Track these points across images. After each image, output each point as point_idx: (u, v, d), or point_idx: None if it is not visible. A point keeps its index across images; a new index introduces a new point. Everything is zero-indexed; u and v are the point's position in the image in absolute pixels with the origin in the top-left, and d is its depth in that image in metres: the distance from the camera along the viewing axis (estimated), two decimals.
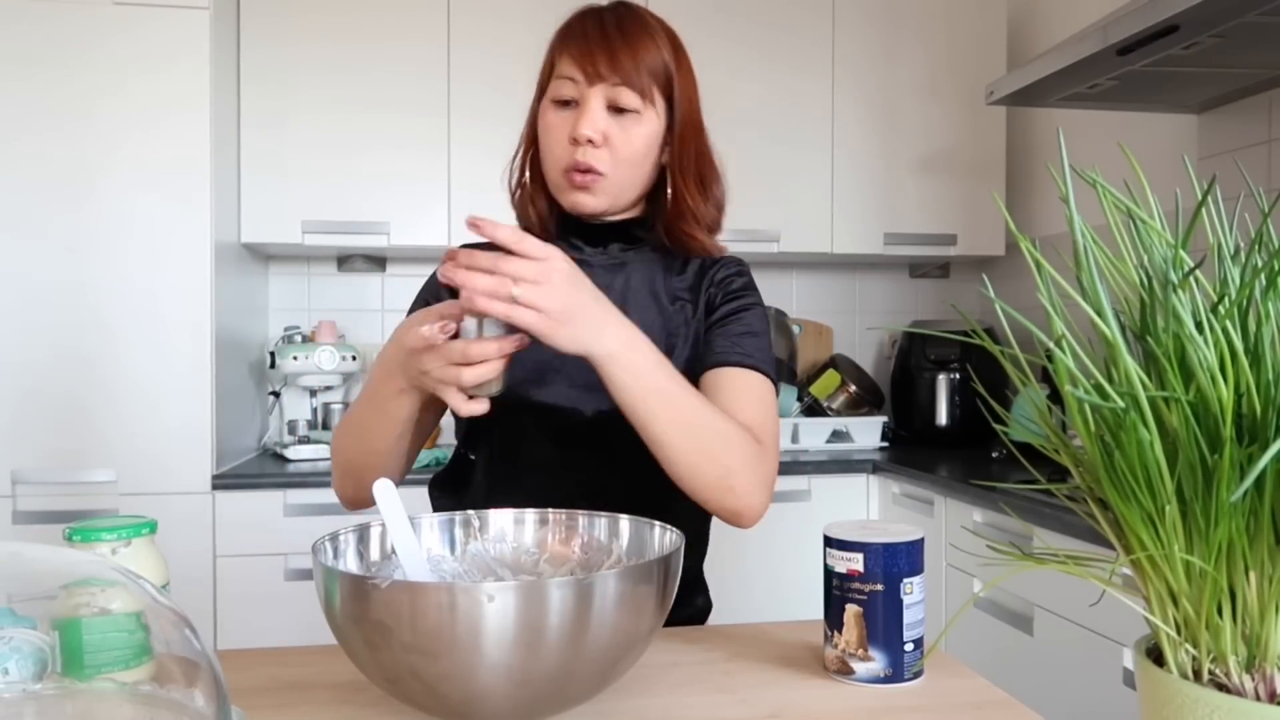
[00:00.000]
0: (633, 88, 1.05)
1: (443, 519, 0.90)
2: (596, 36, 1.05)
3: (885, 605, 0.85)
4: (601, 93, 1.04)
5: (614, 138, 1.05)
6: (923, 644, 0.87)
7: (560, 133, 1.06)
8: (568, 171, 1.06)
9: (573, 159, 1.05)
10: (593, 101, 1.04)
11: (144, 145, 2.20)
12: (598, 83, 1.04)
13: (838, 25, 2.74)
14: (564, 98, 1.06)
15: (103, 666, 0.63)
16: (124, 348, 2.20)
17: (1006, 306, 0.52)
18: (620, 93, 1.04)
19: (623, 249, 1.15)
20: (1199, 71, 1.85)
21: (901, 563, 0.85)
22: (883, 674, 0.85)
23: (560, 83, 1.05)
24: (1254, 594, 0.48)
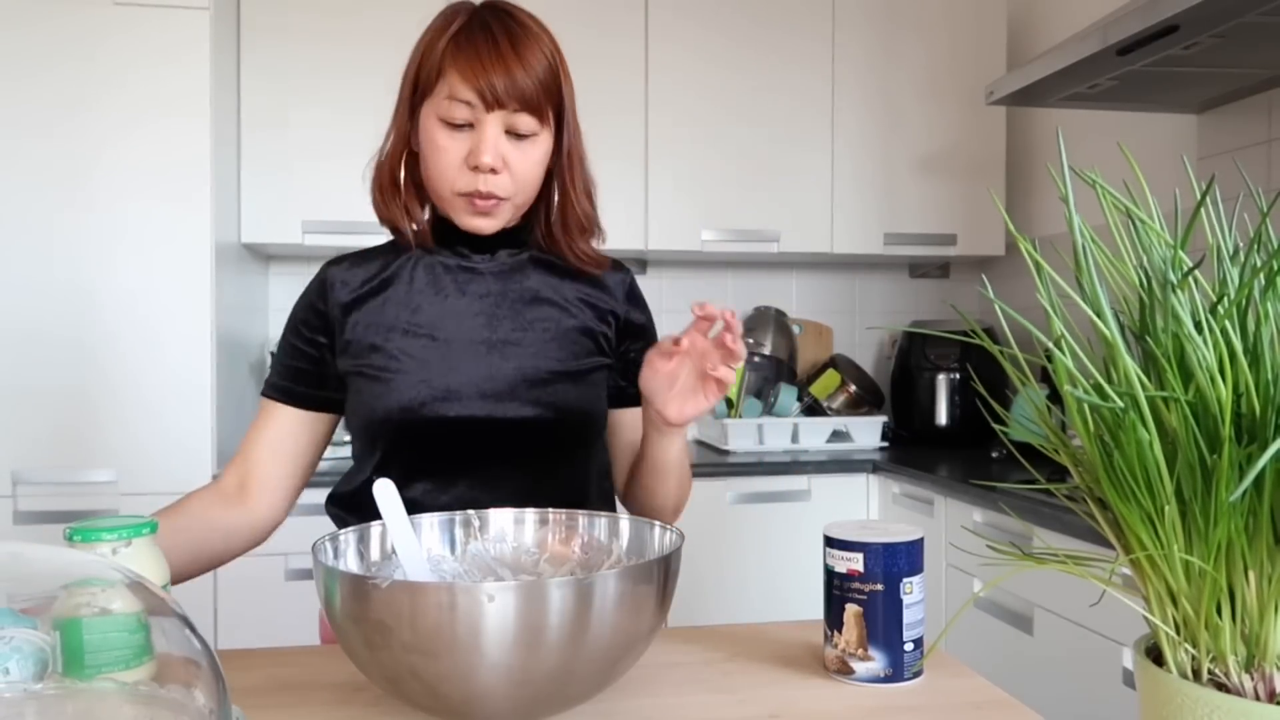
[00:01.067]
0: (532, 112, 1.01)
1: (443, 519, 0.90)
2: (490, 55, 0.99)
3: (885, 605, 0.85)
4: (499, 119, 1.01)
5: (512, 162, 1.02)
6: (922, 644, 0.87)
7: (453, 156, 1.02)
8: (466, 196, 1.03)
9: (473, 186, 1.02)
10: (490, 128, 1.00)
11: (144, 145, 2.20)
12: (495, 109, 1.00)
13: (838, 25, 2.74)
14: (457, 121, 1.01)
15: (103, 666, 0.63)
16: (124, 348, 2.20)
17: (1006, 307, 0.52)
18: (519, 119, 1.01)
19: (510, 254, 1.12)
20: (1199, 71, 1.85)
21: (901, 562, 0.85)
22: (883, 674, 0.85)
23: (453, 105, 1.00)
24: (1253, 594, 0.48)
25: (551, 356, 1.09)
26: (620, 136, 2.61)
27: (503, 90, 0.99)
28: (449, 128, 1.02)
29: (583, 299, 1.13)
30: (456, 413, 1.05)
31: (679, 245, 2.68)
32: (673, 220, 2.66)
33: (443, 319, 1.09)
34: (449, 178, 1.03)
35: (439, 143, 1.02)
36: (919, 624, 0.86)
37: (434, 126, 1.03)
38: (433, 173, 1.05)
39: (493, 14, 1.03)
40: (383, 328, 1.08)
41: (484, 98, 0.99)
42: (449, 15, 1.05)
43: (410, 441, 1.06)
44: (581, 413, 1.10)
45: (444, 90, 1.01)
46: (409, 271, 1.11)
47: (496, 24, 1.02)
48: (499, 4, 1.06)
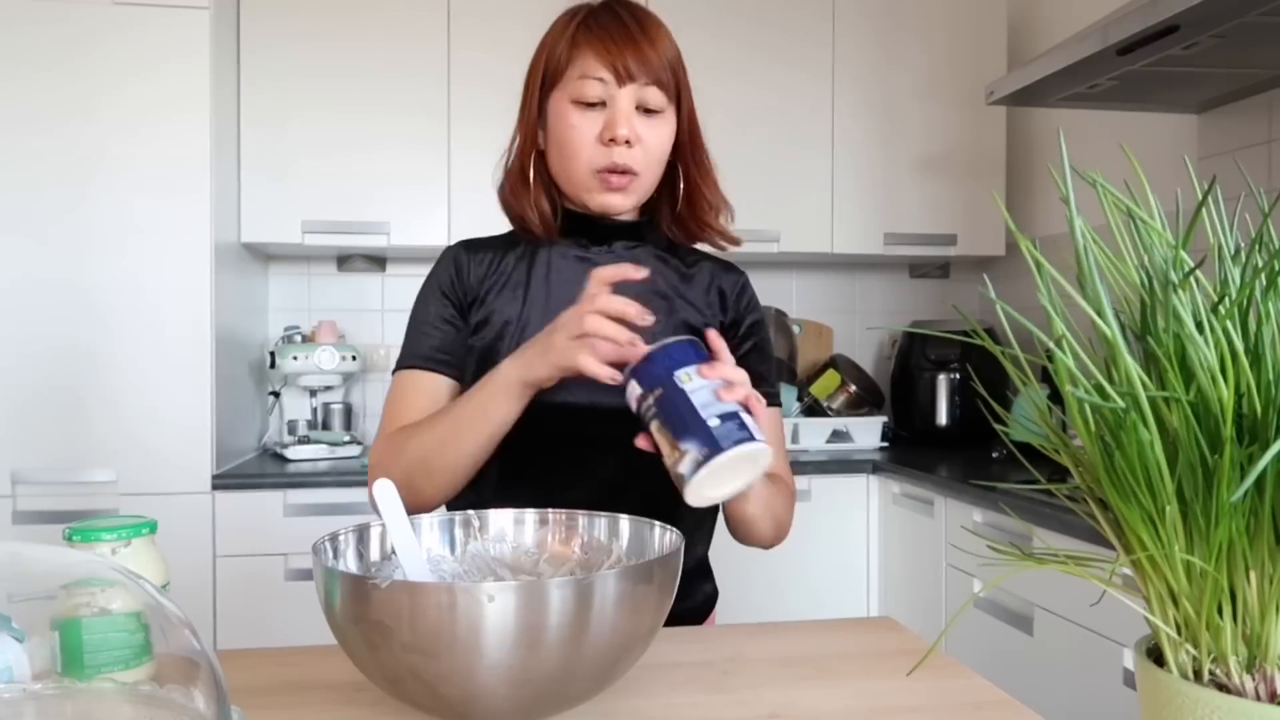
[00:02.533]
0: (661, 87, 1.06)
1: (443, 519, 0.90)
2: (620, 34, 1.04)
3: (670, 403, 0.84)
4: (632, 93, 1.04)
5: (645, 136, 1.06)
6: (736, 416, 0.83)
7: (587, 133, 1.05)
8: (601, 173, 1.06)
9: (609, 160, 1.05)
10: (623, 102, 1.04)
11: (144, 145, 2.20)
12: (628, 83, 1.04)
13: (838, 25, 2.74)
14: (591, 99, 1.04)
15: (103, 666, 0.63)
16: (124, 347, 2.20)
17: (1006, 306, 0.52)
18: (649, 93, 1.05)
19: (626, 248, 1.15)
20: (1199, 71, 1.85)
21: (661, 366, 0.85)
22: (701, 457, 0.82)
23: (586, 83, 1.04)
24: (1254, 594, 0.48)
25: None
26: None
27: (634, 64, 1.03)
28: (582, 107, 1.05)
29: (696, 297, 1.17)
30: (562, 399, 1.07)
31: None
32: None
33: (560, 306, 1.09)
34: (585, 155, 1.06)
35: (572, 121, 1.05)
36: (715, 402, 0.83)
37: (566, 108, 1.06)
38: (567, 154, 1.07)
39: (617, 4, 1.08)
40: (504, 314, 1.11)
41: (617, 72, 1.03)
42: (573, 11, 1.09)
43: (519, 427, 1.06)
44: None
45: (575, 72, 1.05)
46: (528, 260, 1.14)
47: (623, 10, 1.07)
48: (624, 1, 1.10)
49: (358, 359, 2.64)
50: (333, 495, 2.26)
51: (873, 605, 2.53)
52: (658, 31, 1.06)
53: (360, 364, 2.66)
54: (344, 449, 2.55)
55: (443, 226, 2.55)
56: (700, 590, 1.19)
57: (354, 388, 2.86)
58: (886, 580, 2.51)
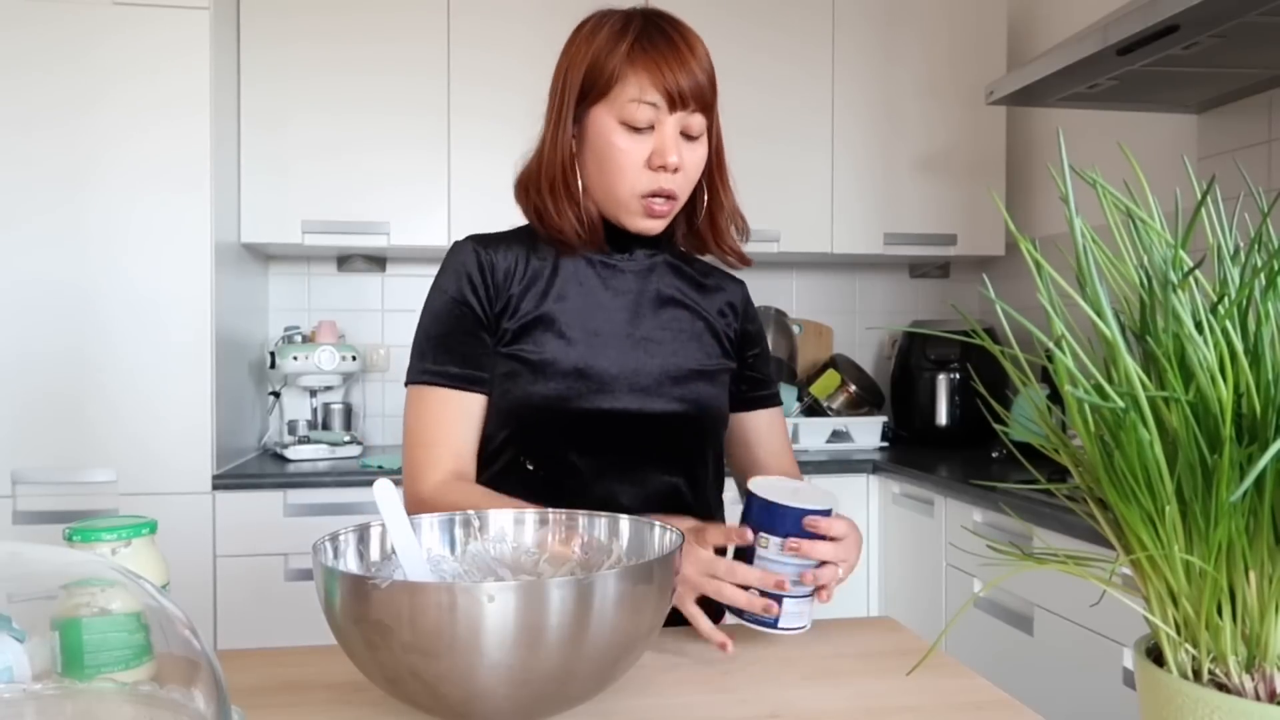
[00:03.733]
0: (704, 112, 1.06)
1: (443, 519, 0.90)
2: (675, 58, 1.03)
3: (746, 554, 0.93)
4: (679, 119, 1.04)
5: (686, 162, 1.06)
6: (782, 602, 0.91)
7: (635, 157, 1.04)
8: (645, 198, 1.05)
9: (655, 185, 1.05)
10: (670, 128, 1.04)
11: (144, 145, 2.20)
12: (679, 110, 1.03)
13: (838, 25, 2.74)
14: (640, 124, 1.03)
15: (103, 666, 0.63)
16: (124, 348, 2.20)
17: (1006, 306, 0.52)
18: (693, 120, 1.05)
19: (647, 255, 1.16)
20: (1199, 71, 1.85)
21: (758, 518, 0.93)
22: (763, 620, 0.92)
23: (639, 106, 1.02)
24: (1254, 594, 0.48)
25: (690, 355, 1.14)
26: None
27: (688, 90, 1.03)
28: (630, 130, 1.04)
29: (709, 304, 1.19)
30: (610, 405, 1.08)
31: None
32: None
33: (592, 312, 1.11)
34: (630, 179, 1.05)
35: (620, 145, 1.04)
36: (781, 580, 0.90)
37: (612, 129, 1.04)
38: (611, 174, 1.06)
39: (662, 19, 1.07)
40: (535, 316, 1.10)
41: (670, 99, 1.02)
42: (617, 22, 1.06)
43: (561, 430, 1.08)
44: (718, 409, 1.15)
45: (626, 94, 1.03)
46: (551, 261, 1.13)
47: (670, 29, 1.05)
48: (660, 12, 1.09)
49: (358, 359, 2.64)
50: (333, 495, 2.26)
51: (873, 605, 2.53)
52: (703, 52, 1.06)
53: (360, 364, 2.66)
54: (344, 449, 2.55)
55: (443, 226, 2.55)
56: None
57: (354, 388, 2.86)
58: (886, 580, 2.51)
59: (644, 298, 1.14)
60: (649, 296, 1.14)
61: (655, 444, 1.11)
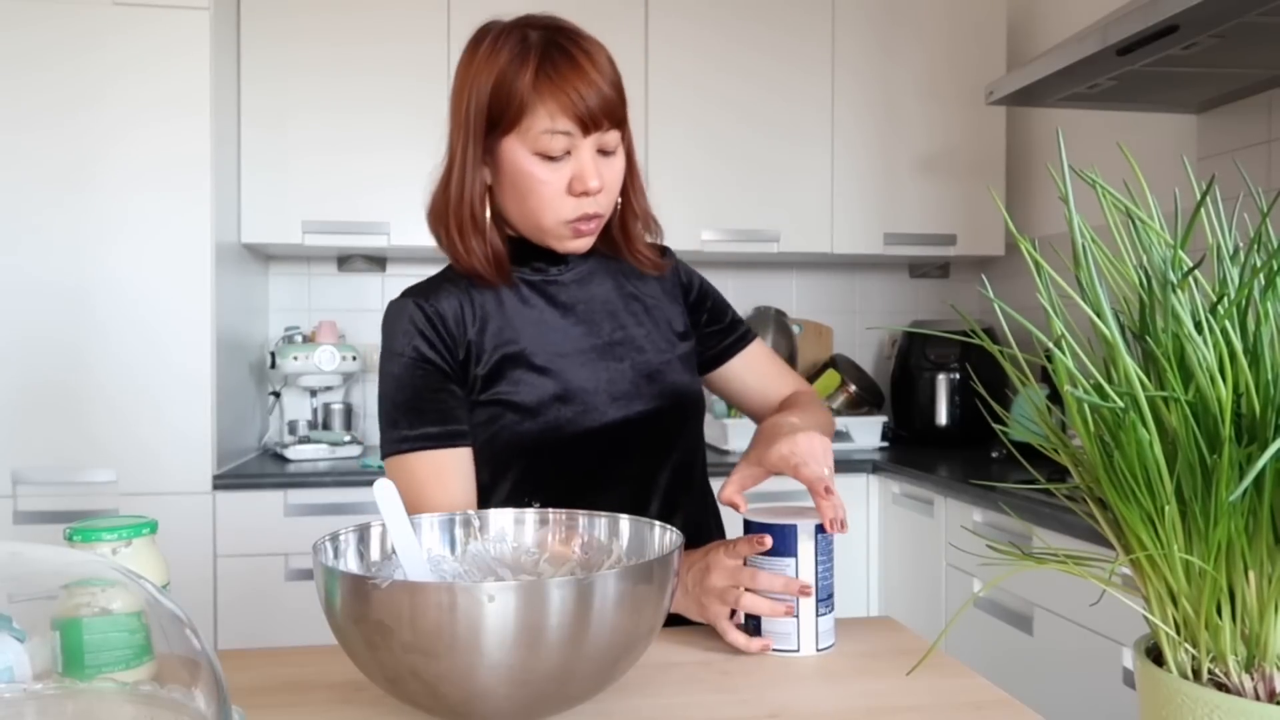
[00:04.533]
0: (618, 127, 1.02)
1: (443, 519, 0.90)
2: (582, 80, 0.98)
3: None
4: (595, 140, 1.01)
5: (607, 179, 1.03)
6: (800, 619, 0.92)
7: (555, 186, 1.01)
8: (572, 222, 1.03)
9: (580, 211, 1.02)
10: (587, 152, 1.01)
11: (144, 145, 2.20)
12: (593, 133, 1.00)
13: (838, 25, 2.74)
14: (556, 153, 1.00)
15: (103, 666, 0.63)
16: (124, 348, 2.20)
17: (1006, 307, 0.52)
18: (608, 137, 1.02)
19: (580, 260, 1.14)
20: (1199, 71, 1.85)
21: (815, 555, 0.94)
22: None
23: (553, 137, 0.98)
24: (1253, 594, 0.48)
25: (655, 347, 1.13)
26: None
27: (599, 110, 0.99)
28: (546, 160, 1.00)
29: (651, 290, 1.18)
30: (598, 421, 1.07)
31: (679, 245, 2.66)
32: (673, 220, 2.63)
33: (550, 335, 1.10)
34: (553, 208, 1.02)
35: (539, 176, 1.01)
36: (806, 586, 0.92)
37: (528, 161, 1.00)
38: (531, 205, 1.03)
39: (560, 34, 1.01)
40: (496, 356, 1.07)
41: (583, 124, 0.99)
42: (515, 44, 1.00)
43: (558, 460, 1.07)
44: (695, 393, 1.16)
45: (537, 124, 0.98)
46: (494, 295, 1.09)
47: (570, 45, 1.00)
48: (556, 22, 1.04)
49: (358, 359, 2.64)
50: (333, 495, 2.26)
51: (873, 605, 2.53)
52: (606, 62, 1.01)
53: (360, 364, 2.66)
54: (344, 449, 2.55)
55: None
56: None
57: (354, 388, 2.86)
58: (886, 580, 2.51)
59: (594, 304, 1.13)
60: (598, 302, 1.13)
61: (650, 444, 1.11)
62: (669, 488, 1.13)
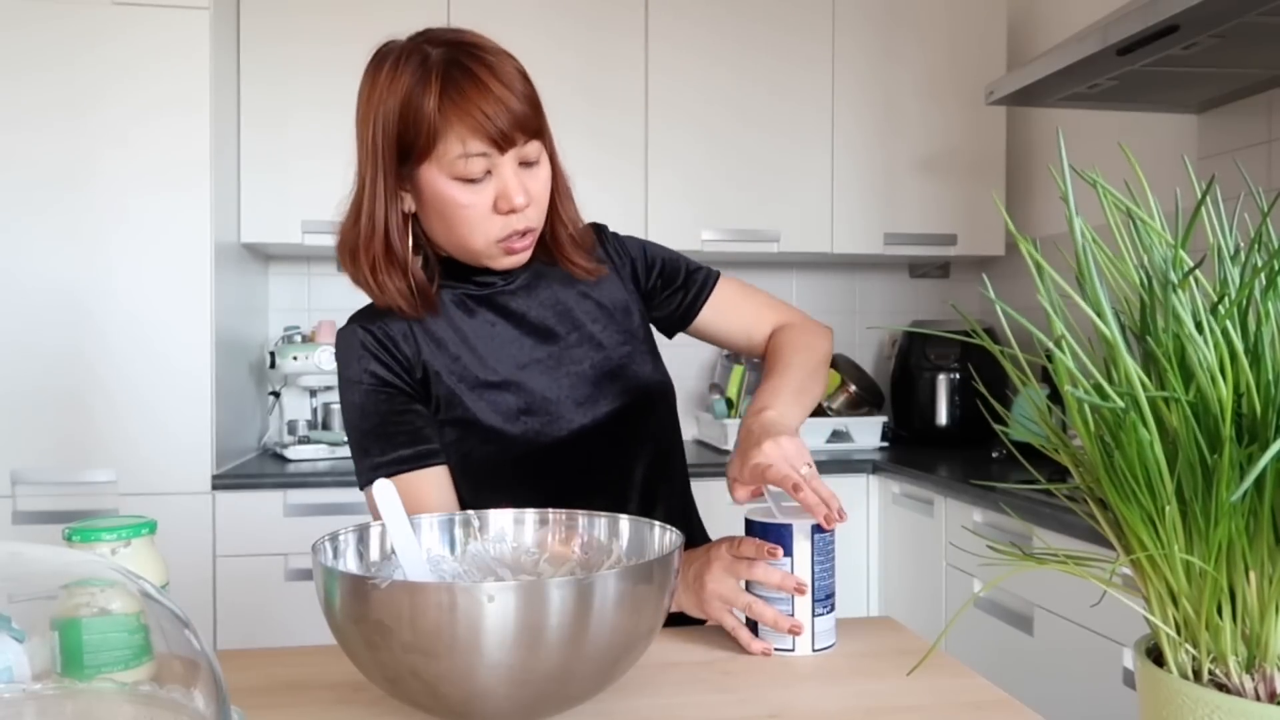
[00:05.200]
0: (535, 136, 1.00)
1: (443, 519, 0.90)
2: (487, 98, 0.95)
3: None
4: (514, 156, 0.99)
5: (532, 191, 1.01)
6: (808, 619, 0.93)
7: (480, 209, 0.99)
8: (503, 241, 1.01)
9: (509, 229, 1.00)
10: (508, 168, 0.98)
11: (144, 145, 2.20)
12: (509, 149, 0.97)
13: (838, 25, 2.74)
14: (476, 175, 0.97)
15: (103, 666, 0.63)
16: (124, 348, 2.20)
17: (1006, 307, 0.52)
18: (528, 149, 0.99)
19: (522, 269, 1.11)
20: (1199, 71, 1.85)
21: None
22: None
23: (469, 160, 0.96)
24: (1254, 594, 0.48)
25: (614, 341, 1.12)
26: (620, 136, 2.61)
27: (510, 127, 0.96)
28: (467, 183, 0.98)
29: (599, 278, 1.15)
30: (565, 429, 1.06)
31: (679, 245, 2.65)
32: (673, 220, 2.66)
33: (505, 348, 1.08)
34: (481, 230, 1.00)
35: (461, 200, 0.98)
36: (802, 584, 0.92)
37: (448, 186, 0.98)
38: (461, 231, 1.00)
39: (460, 51, 0.99)
40: (453, 376, 1.06)
41: (497, 143, 0.96)
42: (416, 68, 0.99)
43: (538, 473, 1.07)
44: (659, 383, 1.14)
45: (452, 149, 0.96)
46: (444, 316, 1.08)
47: (472, 63, 0.97)
48: (458, 37, 1.01)
49: None
50: (333, 495, 2.26)
51: (873, 605, 2.53)
52: (514, 76, 0.98)
53: None
54: (344, 449, 2.54)
55: None
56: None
57: None
58: (886, 580, 2.51)
59: (545, 310, 1.11)
60: (549, 306, 1.11)
61: (621, 443, 1.10)
62: (645, 481, 1.12)
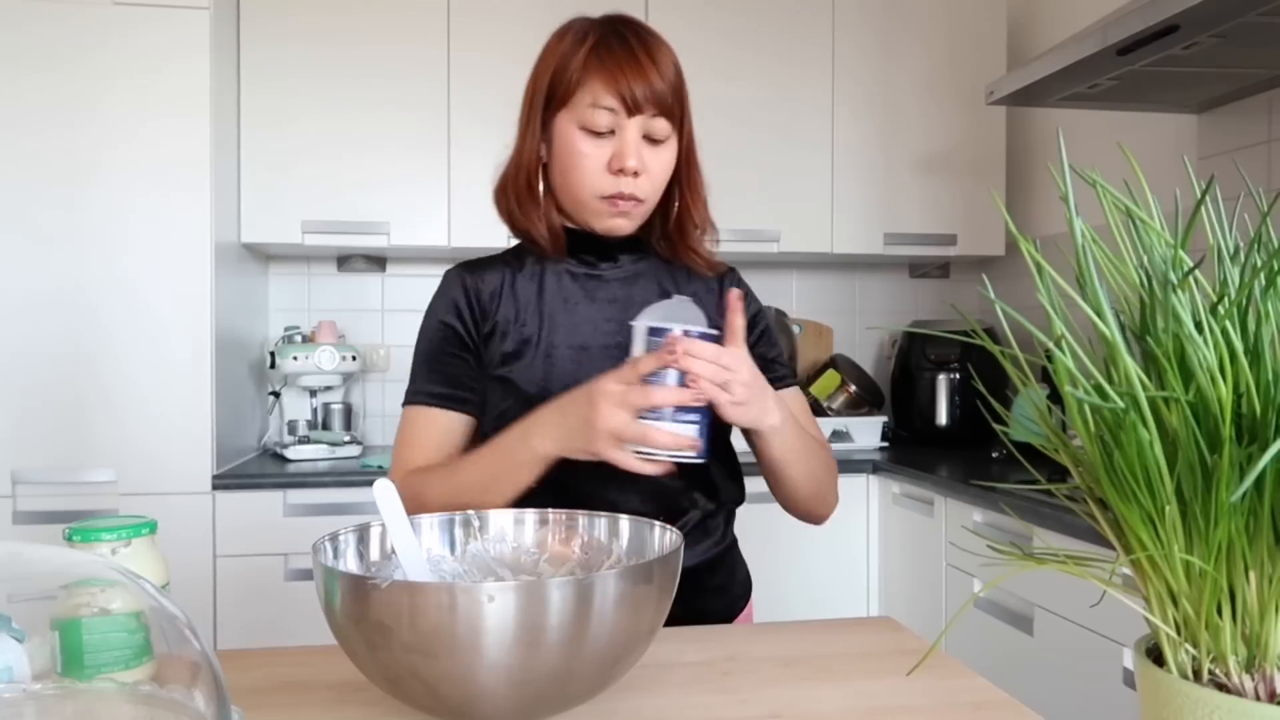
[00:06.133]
0: (667, 117, 1.06)
1: (443, 519, 0.90)
2: (631, 64, 1.04)
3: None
4: (639, 124, 1.05)
5: (650, 165, 1.07)
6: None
7: (596, 161, 1.06)
8: (608, 199, 1.07)
9: (616, 189, 1.06)
10: (631, 133, 1.05)
11: (144, 145, 2.20)
12: (636, 114, 1.05)
13: (838, 25, 2.74)
14: (600, 128, 1.05)
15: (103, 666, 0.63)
16: (124, 348, 2.20)
17: (1006, 307, 0.52)
18: (656, 124, 1.06)
19: (632, 260, 1.17)
20: (1199, 71, 1.85)
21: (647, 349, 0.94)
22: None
23: (596, 112, 1.04)
24: (1254, 594, 0.48)
25: None
26: None
27: (642, 96, 1.04)
28: (591, 135, 1.06)
29: (702, 299, 1.17)
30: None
31: None
32: None
33: (578, 327, 1.13)
34: (591, 182, 1.07)
35: (581, 149, 1.06)
36: (698, 394, 0.92)
37: (574, 134, 1.06)
38: (573, 178, 1.08)
39: (624, 25, 1.08)
40: (521, 338, 1.11)
41: (626, 103, 1.04)
42: (580, 30, 1.08)
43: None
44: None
45: (585, 99, 1.05)
46: (537, 281, 1.15)
47: (630, 34, 1.06)
48: (625, 17, 1.11)
49: (358, 359, 2.64)
50: (333, 495, 2.26)
51: (873, 605, 2.53)
52: (664, 59, 1.07)
53: (360, 364, 2.66)
54: (344, 449, 2.55)
55: (442, 226, 2.55)
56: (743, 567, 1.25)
57: (354, 388, 2.86)
58: (886, 580, 2.51)
59: (632, 304, 1.14)
60: (637, 302, 1.14)
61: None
62: (671, 494, 1.12)
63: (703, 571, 1.14)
